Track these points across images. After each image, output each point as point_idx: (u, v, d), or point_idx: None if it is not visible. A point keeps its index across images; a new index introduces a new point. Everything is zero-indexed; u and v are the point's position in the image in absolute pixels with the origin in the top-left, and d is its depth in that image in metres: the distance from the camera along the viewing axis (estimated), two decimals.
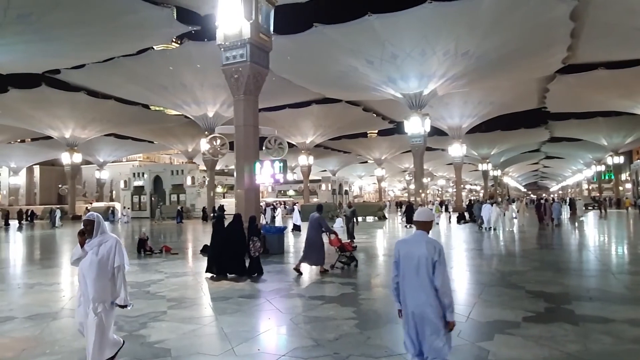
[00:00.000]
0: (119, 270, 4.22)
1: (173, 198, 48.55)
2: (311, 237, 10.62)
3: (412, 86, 30.82)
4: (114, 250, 4.21)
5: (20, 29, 21.80)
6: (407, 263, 3.63)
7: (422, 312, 3.51)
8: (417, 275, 3.55)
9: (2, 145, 53.18)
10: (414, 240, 3.71)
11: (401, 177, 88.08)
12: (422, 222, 3.76)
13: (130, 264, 12.40)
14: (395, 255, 3.77)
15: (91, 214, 4.34)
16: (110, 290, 4.21)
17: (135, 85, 34.83)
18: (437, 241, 3.71)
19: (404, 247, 3.73)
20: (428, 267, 3.52)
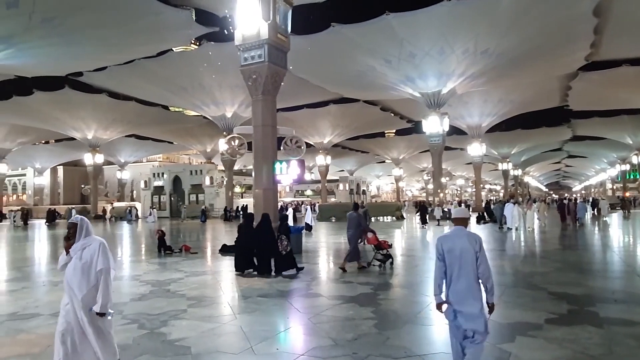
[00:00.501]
0: (101, 274, 3.91)
1: (192, 198, 49.07)
2: (349, 235, 10.92)
3: (431, 85, 30.55)
4: (98, 254, 3.95)
5: (44, 32, 22.33)
6: (452, 255, 3.97)
7: (465, 298, 3.87)
8: (461, 266, 3.92)
9: (27, 147, 54.52)
10: (456, 234, 4.07)
11: (419, 176, 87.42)
12: (460, 218, 4.18)
13: (151, 263, 12.66)
14: (439, 250, 4.05)
15: (75, 217, 4.13)
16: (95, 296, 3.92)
17: (155, 86, 35.34)
18: (476, 234, 4.10)
19: (446, 242, 4.05)
20: (471, 257, 3.90)
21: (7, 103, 37.30)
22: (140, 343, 5.47)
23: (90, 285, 3.90)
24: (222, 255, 14.11)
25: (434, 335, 5.92)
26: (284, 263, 10.31)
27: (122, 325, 6.22)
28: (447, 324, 4.09)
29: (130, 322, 6.37)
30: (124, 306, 7.36)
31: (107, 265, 3.98)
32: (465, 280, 3.90)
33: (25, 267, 12.82)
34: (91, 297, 3.89)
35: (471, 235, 4.04)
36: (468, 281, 3.89)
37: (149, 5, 22.25)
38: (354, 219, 11.04)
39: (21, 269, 12.16)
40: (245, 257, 10.67)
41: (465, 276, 3.90)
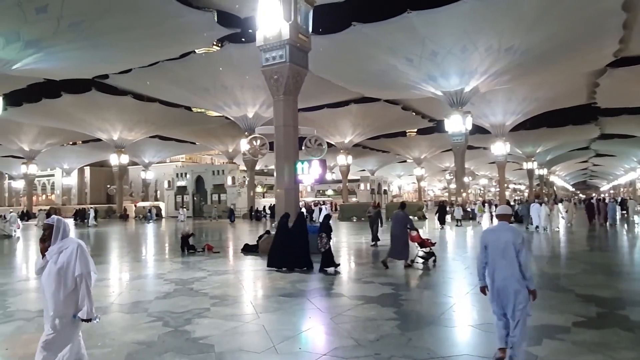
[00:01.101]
0: (81, 279, 3.62)
1: (214, 198, 49.64)
2: (396, 233, 11.14)
3: (453, 83, 30.19)
4: (75, 257, 3.63)
5: (72, 36, 22.92)
6: (495, 247, 4.52)
7: (508, 284, 4.39)
8: (504, 256, 4.45)
9: (56, 148, 56.07)
10: (500, 228, 4.64)
11: (441, 176, 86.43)
12: (503, 215, 4.81)
13: (174, 262, 12.84)
14: (484, 241, 4.66)
15: (51, 218, 3.84)
16: (73, 302, 3.65)
17: (178, 88, 35.90)
18: (518, 229, 4.72)
19: (491, 235, 4.67)
20: (513, 248, 4.41)
21: (37, 105, 38.46)
22: (165, 340, 5.55)
23: (67, 292, 3.61)
24: (244, 254, 14.22)
25: (458, 337, 5.84)
26: (323, 260, 10.65)
27: (148, 323, 6.34)
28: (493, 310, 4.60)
29: (155, 320, 6.48)
30: (149, 304, 7.50)
31: (87, 269, 3.68)
32: (508, 269, 4.41)
33: None
34: (68, 303, 3.60)
35: (514, 229, 4.61)
36: (511, 269, 4.40)
37: (172, 8, 22.60)
38: (400, 218, 11.35)
39: None
40: (281, 254, 11.04)
41: (508, 265, 4.42)
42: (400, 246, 11.00)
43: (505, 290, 4.41)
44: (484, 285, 4.65)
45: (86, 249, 3.74)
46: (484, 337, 5.65)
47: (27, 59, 23.74)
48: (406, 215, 11.54)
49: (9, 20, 20.60)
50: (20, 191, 69.28)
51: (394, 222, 11.47)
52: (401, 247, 10.99)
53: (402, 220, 11.30)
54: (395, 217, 11.53)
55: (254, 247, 14.69)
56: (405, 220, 11.32)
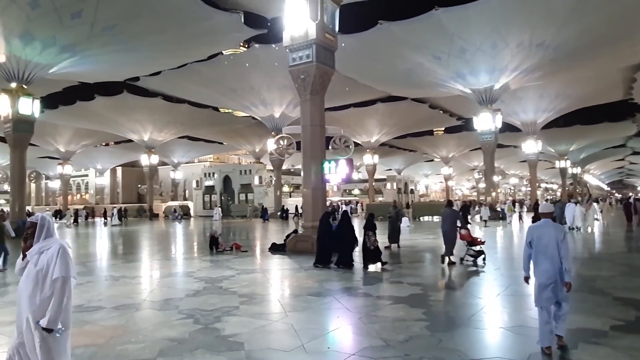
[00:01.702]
0: (57, 283, 3.25)
1: (241, 197, 50.17)
2: (446, 230, 11.35)
3: (482, 81, 29.61)
4: (55, 259, 3.29)
5: (105, 40, 23.59)
6: (539, 242, 5.02)
7: (550, 276, 4.90)
8: (547, 250, 4.95)
9: (89, 149, 57.81)
10: (544, 225, 5.13)
11: (470, 175, 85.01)
12: (546, 213, 5.27)
13: (203, 260, 13.03)
14: (529, 236, 5.14)
15: (35, 216, 3.55)
16: None
17: (206, 89, 36.47)
18: (561, 225, 5.36)
19: (536, 231, 5.14)
20: (556, 244, 4.91)
21: (72, 108, 39.74)
22: (196, 337, 5.64)
23: (44, 296, 3.28)
24: (272, 253, 14.32)
25: (489, 339, 5.73)
26: (371, 258, 10.96)
27: (179, 320, 6.46)
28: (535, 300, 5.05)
29: (186, 317, 6.59)
30: (179, 301, 7.65)
31: (66, 273, 3.29)
32: (550, 262, 4.91)
33: (88, 262, 13.59)
34: (44, 310, 3.25)
35: (557, 226, 5.14)
36: (552, 263, 4.90)
37: (201, 11, 22.98)
38: (449, 216, 11.48)
39: (85, 264, 12.90)
40: (326, 252, 11.40)
41: (550, 259, 4.91)
42: (447, 243, 11.24)
43: (548, 282, 4.89)
44: (528, 276, 5.17)
45: (69, 251, 3.40)
46: (516, 339, 5.52)
47: (62, 63, 24.57)
48: (455, 212, 11.85)
49: (46, 26, 21.36)
50: (56, 191, 71.81)
51: (443, 220, 11.67)
52: (448, 244, 11.22)
53: (451, 217, 11.46)
54: (444, 215, 11.74)
55: (282, 247, 14.77)
56: (454, 217, 11.48)
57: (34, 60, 23.26)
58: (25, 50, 22.48)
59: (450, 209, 11.88)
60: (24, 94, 23.84)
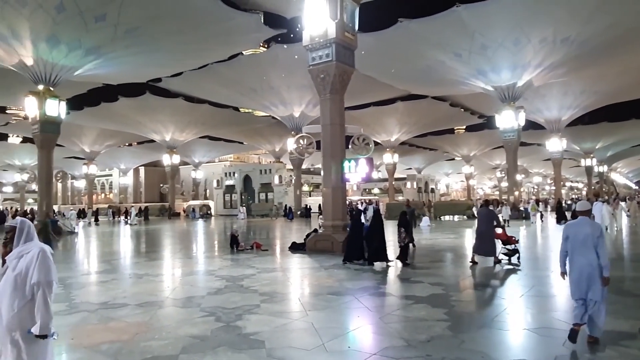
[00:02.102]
0: (38, 288, 3.11)
1: (262, 196, 50.50)
2: (483, 230, 11.24)
3: (505, 78, 29.12)
4: (35, 264, 3.15)
5: (128, 42, 24.02)
6: (576, 238, 5.20)
7: (585, 271, 5.06)
8: (584, 246, 5.12)
9: (113, 149, 59.00)
10: (580, 223, 5.29)
11: (491, 174, 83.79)
12: (583, 210, 5.41)
13: (224, 259, 13.17)
14: (566, 233, 5.33)
15: (15, 219, 3.43)
16: (30, 315, 3.14)
17: (226, 89, 36.81)
18: (597, 223, 5.55)
19: (573, 228, 5.32)
20: (592, 241, 5.06)
21: (96, 109, 40.62)
22: (218, 335, 5.70)
23: (23, 302, 3.13)
24: (292, 252, 14.38)
25: (512, 340, 5.63)
26: (403, 254, 11.30)
27: (201, 318, 6.54)
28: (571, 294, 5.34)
29: (208, 315, 6.67)
30: (201, 299, 7.74)
31: (48, 278, 3.16)
32: (585, 258, 5.07)
33: (113, 260, 13.88)
34: (24, 316, 3.11)
35: (593, 223, 5.32)
36: (588, 259, 5.05)
37: (221, 12, 23.19)
38: (485, 215, 11.42)
39: (110, 262, 13.18)
40: (355, 248, 11.65)
41: (586, 255, 5.07)
42: (486, 243, 11.10)
43: (583, 277, 5.08)
44: (564, 271, 5.39)
45: (50, 255, 3.26)
46: (540, 341, 5.42)
47: (87, 65, 25.12)
48: (492, 211, 11.74)
49: (71, 29, 21.87)
50: (82, 190, 73.53)
51: (480, 219, 11.60)
52: (488, 244, 11.09)
53: (488, 216, 11.40)
54: (481, 214, 11.71)
55: (302, 245, 14.81)
56: (491, 216, 11.40)
57: (60, 63, 23.84)
58: (51, 53, 23.05)
59: (487, 209, 11.87)
60: (50, 96, 24.44)
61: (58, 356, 5.25)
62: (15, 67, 23.86)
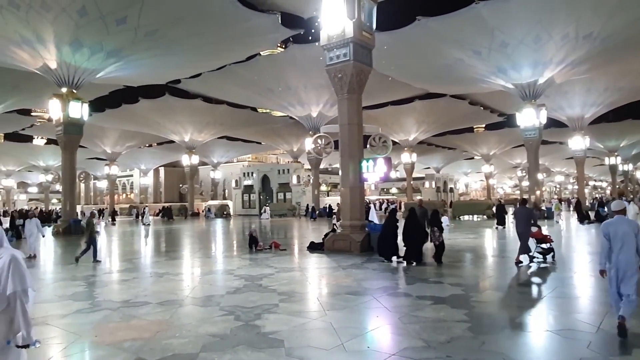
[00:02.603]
0: (14, 298, 2.95)
1: (280, 196, 50.72)
2: (521, 230, 11.19)
3: (525, 75, 28.63)
4: (6, 272, 2.96)
5: (148, 45, 24.41)
6: (615, 236, 5.38)
7: (625, 267, 5.28)
8: (622, 244, 5.32)
9: (134, 150, 60.00)
10: (618, 221, 5.50)
11: (512, 173, 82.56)
12: (619, 210, 5.65)
13: (243, 258, 13.26)
14: (605, 233, 5.48)
15: None
16: (4, 325, 2.97)
17: (244, 89, 37.08)
18: (634, 221, 5.91)
19: (611, 226, 5.48)
20: (631, 238, 5.29)
21: (117, 111, 41.38)
22: (237, 334, 5.74)
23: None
24: (310, 252, 14.40)
25: (534, 342, 5.54)
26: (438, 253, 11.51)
27: (220, 316, 6.60)
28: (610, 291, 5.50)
29: (227, 314, 6.73)
30: (220, 298, 7.81)
31: (22, 286, 2.98)
32: (625, 256, 5.28)
33: (134, 259, 14.11)
34: None
35: (631, 221, 5.60)
36: (627, 256, 5.28)
37: (239, 13, 23.37)
38: (523, 214, 11.35)
39: (132, 261, 13.40)
40: (391, 246, 11.85)
41: (625, 252, 5.28)
42: (523, 242, 11.06)
43: (623, 274, 5.27)
44: (604, 269, 5.49)
45: (22, 261, 3.06)
46: (563, 343, 5.31)
47: (109, 68, 25.60)
48: (530, 210, 11.68)
49: (93, 33, 22.32)
50: (104, 190, 74.97)
51: (517, 219, 11.52)
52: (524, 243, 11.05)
53: (525, 216, 11.33)
54: (518, 214, 11.60)
55: (320, 245, 14.83)
56: (528, 215, 11.34)
57: (82, 66, 24.35)
58: (74, 56, 23.56)
59: (524, 207, 11.83)
60: (73, 98, 24.98)
61: (82, 353, 5.37)
62: (40, 71, 24.47)
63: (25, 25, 21.20)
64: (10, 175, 72.34)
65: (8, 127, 50.08)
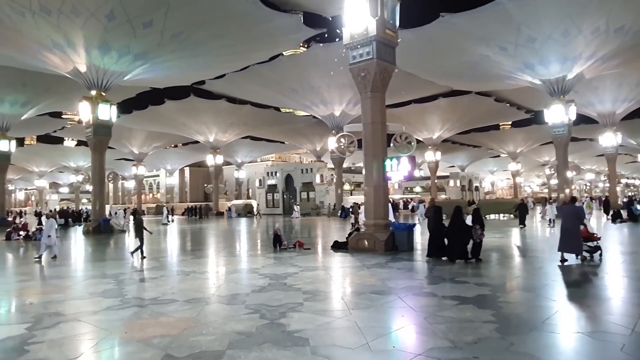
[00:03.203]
0: None
1: (303, 195, 50.88)
2: (568, 227, 11.06)
3: (553, 71, 27.93)
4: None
5: (173, 47, 24.82)
6: None
7: None
8: None
9: (160, 150, 61.19)
10: None
11: (540, 171, 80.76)
12: None
13: (267, 257, 13.35)
14: None
15: None
16: None
17: (267, 89, 37.33)
18: None
19: None
20: None
21: (144, 112, 42.27)
22: (263, 332, 5.79)
23: None
24: (334, 251, 14.40)
25: (565, 344, 5.41)
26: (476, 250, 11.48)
27: (246, 315, 6.67)
28: None
29: (253, 312, 6.79)
30: (246, 297, 7.89)
31: None
32: None
33: (161, 257, 14.38)
34: None
35: None
36: None
37: (262, 14, 23.52)
38: (572, 212, 11.28)
39: (159, 259, 13.67)
40: (437, 244, 11.98)
41: None
42: (572, 240, 10.92)
43: None
44: None
45: None
46: (595, 345, 5.18)
47: (136, 70, 26.15)
48: (578, 208, 11.63)
49: (121, 36, 22.84)
50: (131, 190, 76.67)
51: (565, 216, 11.45)
52: (574, 241, 10.91)
53: (574, 213, 11.24)
54: (567, 211, 11.53)
55: (344, 244, 14.81)
56: (577, 213, 11.27)
57: (110, 69, 24.94)
58: (103, 59, 24.15)
59: (573, 205, 11.72)
60: (102, 100, 25.61)
61: (112, 349, 5.51)
62: (70, 74, 25.17)
63: (56, 30, 21.84)
64: (42, 176, 74.83)
65: (40, 130, 51.77)
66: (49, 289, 9.25)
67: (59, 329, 6.16)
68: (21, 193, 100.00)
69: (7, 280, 10.79)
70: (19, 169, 70.69)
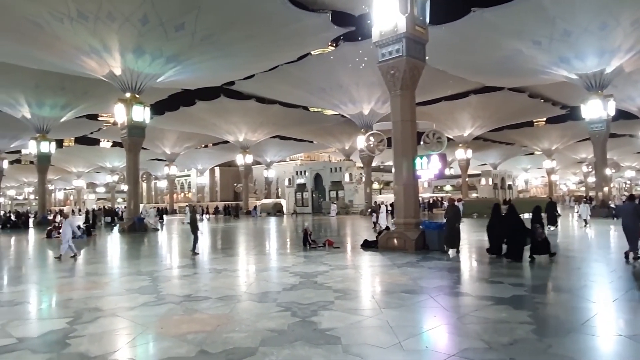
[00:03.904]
0: None
1: (332, 194, 50.92)
2: (628, 225, 11.10)
3: (590, 65, 27.00)
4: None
5: (204, 49, 25.28)
6: None
7: None
8: None
9: (191, 150, 62.41)
10: None
11: (576, 168, 78.19)
12: None
13: (297, 256, 13.39)
14: None
15: None
16: None
17: (296, 89, 37.52)
18: None
19: None
20: None
21: (176, 113, 43.22)
22: (294, 330, 5.83)
23: None
24: (363, 250, 14.35)
25: (605, 347, 5.21)
26: (540, 249, 11.34)
27: (277, 312, 6.73)
28: None
29: (284, 310, 6.84)
30: (277, 295, 7.95)
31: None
32: None
33: (193, 255, 14.65)
34: None
35: None
36: None
37: (290, 14, 23.68)
38: (631, 209, 11.23)
39: (191, 257, 13.93)
40: (497, 243, 11.93)
41: None
42: (634, 237, 10.88)
43: None
44: None
45: None
46: (637, 348, 4.97)
47: (168, 73, 26.76)
48: (637, 206, 11.40)
49: (154, 39, 23.43)
50: (163, 190, 78.51)
51: (624, 215, 11.40)
52: (635, 238, 10.86)
53: (633, 211, 11.14)
54: (625, 209, 11.48)
55: (373, 243, 14.74)
56: (636, 211, 11.10)
57: (144, 72, 25.61)
58: (137, 63, 24.83)
59: (632, 203, 11.57)
60: (136, 102, 26.34)
61: (148, 344, 5.66)
62: (106, 77, 25.98)
63: (93, 35, 22.58)
64: (80, 176, 77.55)
65: (78, 132, 53.66)
66: (88, 285, 9.58)
67: (98, 324, 6.38)
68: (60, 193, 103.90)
69: (49, 277, 11.23)
70: (59, 170, 73.54)
